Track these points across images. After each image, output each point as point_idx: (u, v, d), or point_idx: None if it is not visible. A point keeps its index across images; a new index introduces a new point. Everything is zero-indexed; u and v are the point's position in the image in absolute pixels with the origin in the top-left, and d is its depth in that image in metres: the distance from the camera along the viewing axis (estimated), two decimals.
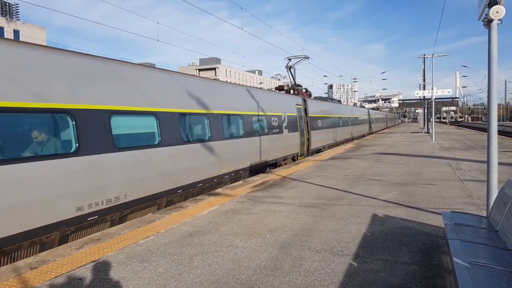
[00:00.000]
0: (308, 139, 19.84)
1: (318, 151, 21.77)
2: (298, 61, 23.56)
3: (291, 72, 22.98)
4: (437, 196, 7.93)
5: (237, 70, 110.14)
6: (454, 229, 4.21)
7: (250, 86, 16.08)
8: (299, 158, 18.32)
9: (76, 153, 6.54)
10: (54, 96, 6.38)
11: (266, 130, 14.91)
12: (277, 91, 19.89)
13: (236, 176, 12.31)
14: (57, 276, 4.33)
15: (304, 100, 20.41)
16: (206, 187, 10.55)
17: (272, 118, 15.70)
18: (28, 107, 5.93)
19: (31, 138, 6.07)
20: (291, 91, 21.48)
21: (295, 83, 22.46)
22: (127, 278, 4.25)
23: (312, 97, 23.79)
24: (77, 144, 6.60)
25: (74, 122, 6.62)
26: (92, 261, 4.78)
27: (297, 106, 18.92)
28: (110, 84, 7.66)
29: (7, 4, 55.37)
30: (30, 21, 58.76)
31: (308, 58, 23.08)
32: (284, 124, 16.92)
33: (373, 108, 71.33)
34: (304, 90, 22.46)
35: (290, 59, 23.09)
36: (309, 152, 20.00)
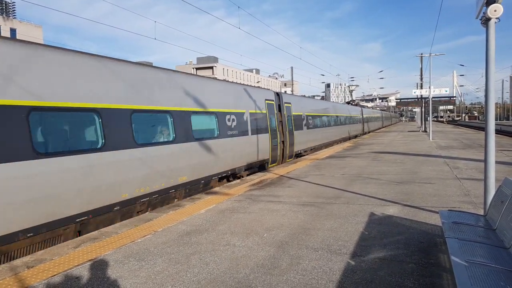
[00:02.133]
0: (363, 127, 42.09)
1: (366, 133, 42.51)
2: (354, 88, 56.04)
3: (351, 93, 57.47)
4: (434, 195, 7.95)
5: (234, 69, 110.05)
6: (452, 228, 4.22)
7: (345, 103, 44.62)
8: (359, 136, 37.07)
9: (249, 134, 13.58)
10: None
11: (353, 122, 35.22)
12: (350, 104, 41.77)
13: (343, 140, 29.60)
14: (54, 275, 4.31)
15: (362, 108, 43.96)
16: (328, 145, 24.60)
17: (353, 117, 35.92)
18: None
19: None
20: (351, 103, 47.46)
21: (353, 99, 51.72)
22: (124, 276, 4.24)
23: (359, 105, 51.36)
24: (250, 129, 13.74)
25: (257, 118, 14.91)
26: (89, 260, 4.76)
27: (360, 111, 41.26)
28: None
29: (4, 2, 55.13)
30: (26, 20, 58.50)
31: (358, 86, 61.27)
32: (356, 119, 37.64)
33: (381, 109, 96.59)
34: (358, 102, 49.98)
35: (349, 86, 55.65)
36: (364, 133, 41.39)
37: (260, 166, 14.37)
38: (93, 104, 7.18)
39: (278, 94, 16.95)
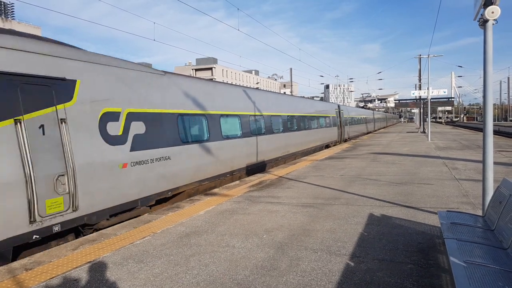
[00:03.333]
0: (374, 126, 53.20)
1: (376, 130, 54.17)
2: (366, 96, 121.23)
3: (364, 100, 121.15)
4: (433, 196, 7.96)
5: (233, 70, 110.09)
6: (450, 229, 4.23)
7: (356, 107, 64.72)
8: (372, 132, 47.41)
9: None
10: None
11: (369, 122, 48.34)
12: (365, 108, 59.57)
13: (365, 134, 41.83)
14: (53, 277, 4.31)
15: (373, 111, 58.10)
16: (359, 136, 37.69)
17: (369, 118, 49.14)
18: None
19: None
20: (364, 107, 68.24)
21: (366, 104, 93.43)
22: (123, 279, 4.23)
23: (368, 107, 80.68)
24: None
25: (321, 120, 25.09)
26: (88, 262, 4.76)
27: (372, 114, 53.91)
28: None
29: (2, 3, 55.10)
30: (25, 21, 58.46)
31: (370, 94, 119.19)
32: (371, 120, 50.52)
33: (384, 111, 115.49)
34: (369, 107, 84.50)
35: (362, 95, 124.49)
36: (375, 130, 52.84)
37: (334, 143, 27.11)
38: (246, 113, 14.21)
39: (338, 106, 30.20)
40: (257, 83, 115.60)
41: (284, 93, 21.05)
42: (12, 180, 5.13)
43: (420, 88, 42.49)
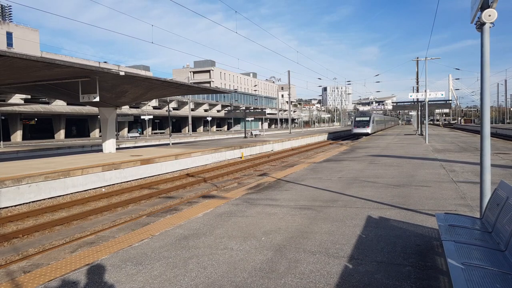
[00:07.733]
0: (391, 124, 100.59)
1: (389, 128, 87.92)
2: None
3: (383, 106, 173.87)
4: (430, 198, 7.98)
5: (231, 73, 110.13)
6: (448, 231, 4.24)
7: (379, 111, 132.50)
8: (389, 127, 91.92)
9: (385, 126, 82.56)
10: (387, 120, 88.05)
11: (388, 121, 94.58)
12: (386, 115, 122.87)
13: (392, 127, 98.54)
14: (51, 280, 4.30)
15: (390, 116, 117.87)
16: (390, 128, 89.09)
17: (388, 120, 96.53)
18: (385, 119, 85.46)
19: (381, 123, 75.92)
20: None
21: (389, 111, 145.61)
22: (121, 281, 4.23)
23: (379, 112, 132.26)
24: (384, 124, 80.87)
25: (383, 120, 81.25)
26: (86, 265, 4.75)
27: (390, 118, 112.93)
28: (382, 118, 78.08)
29: (0, 5, 54.96)
30: (23, 23, 58.29)
31: (375, 98, 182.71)
32: (388, 121, 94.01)
33: (382, 113, 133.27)
34: (389, 113, 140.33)
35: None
36: (389, 127, 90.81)
37: (381, 130, 66.85)
38: (383, 119, 79.94)
39: (384, 115, 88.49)
40: (255, 85, 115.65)
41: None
42: (373, 126, 56.12)
43: (417, 91, 42.64)
